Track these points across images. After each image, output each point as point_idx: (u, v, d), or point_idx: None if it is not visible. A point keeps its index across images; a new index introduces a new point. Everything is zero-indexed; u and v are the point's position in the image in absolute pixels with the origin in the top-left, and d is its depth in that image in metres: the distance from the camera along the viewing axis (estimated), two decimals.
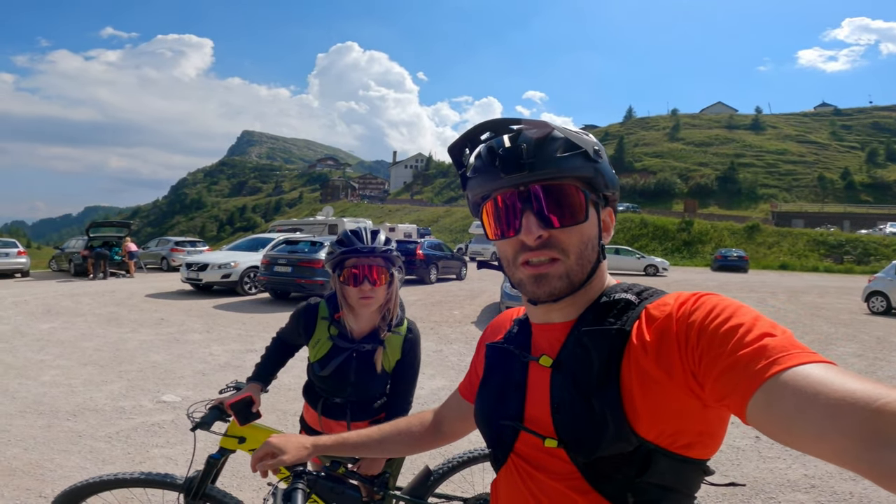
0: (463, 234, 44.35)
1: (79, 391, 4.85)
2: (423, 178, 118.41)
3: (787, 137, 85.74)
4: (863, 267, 29.61)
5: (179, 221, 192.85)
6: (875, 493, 3.07)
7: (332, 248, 1.66)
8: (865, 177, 67.50)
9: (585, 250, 0.71)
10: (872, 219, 44.02)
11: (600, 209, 0.74)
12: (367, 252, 1.60)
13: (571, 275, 0.70)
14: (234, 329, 8.05)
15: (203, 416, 1.60)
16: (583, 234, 0.71)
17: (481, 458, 1.83)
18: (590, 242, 0.72)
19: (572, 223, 0.69)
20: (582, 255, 0.71)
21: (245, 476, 3.12)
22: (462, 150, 0.78)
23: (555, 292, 0.70)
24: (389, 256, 1.65)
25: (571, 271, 0.70)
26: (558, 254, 0.70)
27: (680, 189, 69.12)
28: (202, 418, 1.60)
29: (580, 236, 0.70)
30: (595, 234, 0.73)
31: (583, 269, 0.71)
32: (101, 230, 18.23)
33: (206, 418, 1.60)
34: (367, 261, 1.61)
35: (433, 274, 15.80)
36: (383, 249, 1.63)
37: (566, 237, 0.70)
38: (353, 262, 1.61)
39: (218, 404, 1.62)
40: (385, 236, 1.68)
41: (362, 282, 1.60)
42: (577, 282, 0.71)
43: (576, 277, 0.71)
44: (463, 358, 6.54)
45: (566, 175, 0.69)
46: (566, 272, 0.70)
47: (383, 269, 1.63)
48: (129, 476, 1.62)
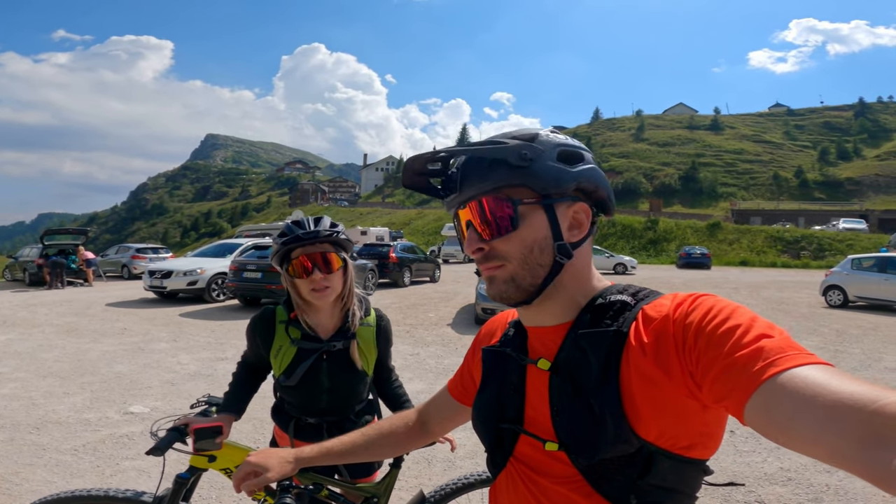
0: (436, 236, 44.31)
1: (40, 404, 4.63)
2: (394, 181, 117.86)
3: (743, 137, 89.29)
4: (818, 262, 30.99)
5: (140, 228, 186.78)
6: (850, 483, 3.18)
7: (275, 243, 1.50)
8: (818, 175, 70.75)
9: (530, 254, 0.71)
10: (826, 215, 46.07)
11: (555, 207, 0.72)
12: (312, 237, 1.45)
13: (518, 278, 0.71)
14: (202, 337, 7.81)
15: (158, 441, 1.41)
16: (523, 240, 0.71)
17: (478, 483, 1.72)
18: (535, 246, 0.71)
19: (502, 234, 0.71)
20: (526, 259, 0.71)
21: (224, 487, 3.02)
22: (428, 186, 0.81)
23: (504, 295, 0.73)
24: (338, 240, 1.50)
25: (517, 275, 0.71)
26: (501, 261, 0.72)
27: (645, 189, 71.01)
28: (157, 443, 1.40)
29: (520, 242, 0.71)
30: (542, 237, 0.71)
31: (532, 273, 0.71)
32: (56, 238, 17.37)
33: (161, 443, 1.40)
34: (313, 248, 1.46)
35: (407, 277, 15.67)
36: (327, 233, 1.47)
37: (504, 245, 0.71)
38: (299, 252, 1.46)
39: (180, 426, 1.45)
40: (330, 220, 1.53)
41: (312, 271, 1.45)
42: (527, 285, 0.72)
43: (524, 281, 0.71)
44: (440, 360, 6.52)
45: (489, 189, 0.70)
46: (511, 276, 0.72)
47: (333, 255, 1.49)
48: (98, 492, 1.53)
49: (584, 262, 0.76)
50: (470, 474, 1.75)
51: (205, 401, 1.65)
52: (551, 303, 0.74)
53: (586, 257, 0.76)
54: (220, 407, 1.58)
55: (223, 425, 1.44)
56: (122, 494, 1.53)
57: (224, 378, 5.55)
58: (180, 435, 1.44)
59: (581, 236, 0.74)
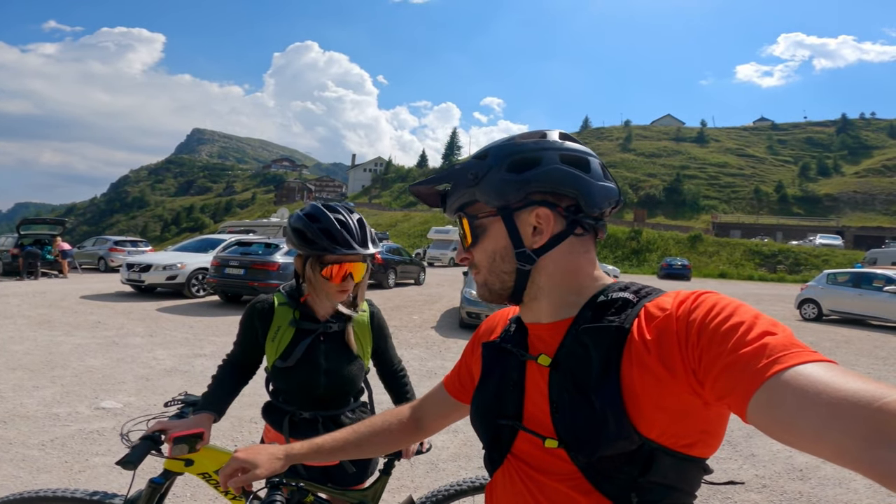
0: (421, 238, 44.26)
1: (7, 397, 4.47)
2: (381, 182, 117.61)
3: (727, 150, 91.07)
4: (794, 276, 31.68)
5: (119, 220, 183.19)
6: (822, 491, 3.24)
7: (317, 239, 1.44)
8: (797, 190, 72.43)
9: (493, 262, 0.77)
10: (803, 230, 47.24)
11: (515, 216, 0.74)
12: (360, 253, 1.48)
13: (488, 283, 0.79)
14: (180, 333, 7.66)
15: (130, 452, 1.26)
16: (485, 251, 0.78)
17: (471, 490, 1.66)
18: (496, 254, 0.76)
19: (473, 245, 0.79)
20: (491, 266, 0.78)
21: (199, 486, 2.95)
22: None
23: (483, 297, 0.82)
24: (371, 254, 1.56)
25: (487, 280, 0.79)
26: (476, 268, 0.81)
27: (630, 199, 71.88)
28: (129, 455, 1.25)
29: (483, 252, 0.78)
30: (502, 246, 0.76)
31: (499, 279, 0.77)
32: (33, 227, 16.98)
33: (134, 455, 1.25)
34: (354, 257, 1.49)
35: (391, 278, 15.65)
36: (374, 252, 1.52)
37: (475, 254, 0.79)
38: (341, 260, 1.46)
39: (155, 433, 1.32)
40: (373, 231, 1.56)
41: (345, 280, 1.49)
42: (498, 290, 0.78)
43: (493, 286, 0.78)
44: (424, 363, 6.49)
45: (455, 208, 0.80)
46: (483, 281, 0.80)
47: (366, 265, 1.54)
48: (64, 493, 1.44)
49: (568, 262, 0.74)
50: (463, 480, 1.70)
51: (181, 399, 1.55)
52: (538, 303, 0.76)
53: (569, 257, 0.75)
54: (198, 406, 1.49)
55: (204, 432, 1.36)
56: (89, 497, 1.43)
57: (201, 375, 5.44)
58: (154, 443, 1.32)
59: (544, 241, 0.73)
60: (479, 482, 1.63)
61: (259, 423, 4.00)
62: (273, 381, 1.58)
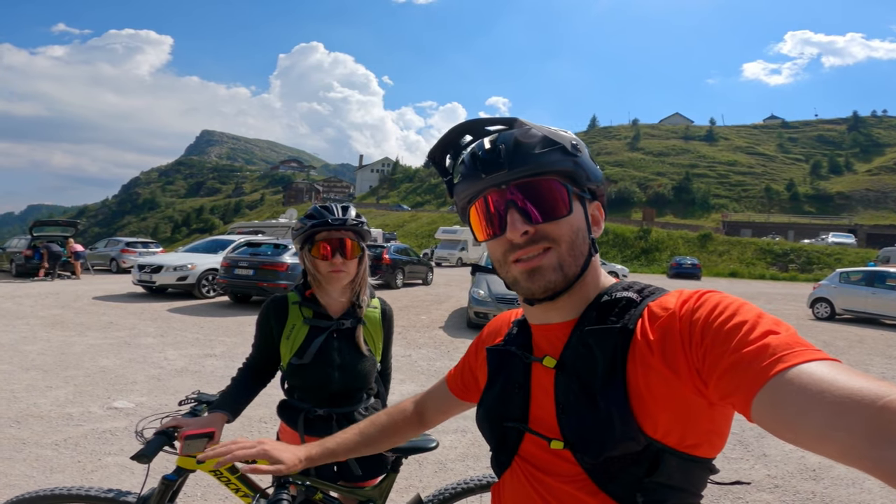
0: (429, 239, 44.27)
1: (21, 397, 4.54)
2: (389, 183, 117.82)
3: (737, 149, 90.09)
4: (806, 275, 31.28)
5: (130, 222, 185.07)
6: (835, 491, 3.20)
7: (302, 223, 1.58)
8: (809, 188, 71.56)
9: (576, 240, 0.70)
10: (815, 229, 46.62)
11: (586, 203, 0.73)
12: (339, 225, 1.54)
13: (565, 266, 0.69)
14: (190, 333, 7.71)
15: (145, 447, 1.33)
16: (571, 226, 0.70)
17: (478, 488, 1.67)
18: (580, 233, 0.71)
19: (556, 217, 0.69)
20: (573, 244, 0.70)
21: (210, 485, 2.97)
22: (444, 156, 0.79)
23: (549, 286, 0.69)
24: (360, 230, 1.60)
25: (564, 262, 0.69)
26: (549, 243, 0.69)
27: (639, 198, 71.40)
28: (143, 449, 1.32)
29: (569, 227, 0.69)
30: (584, 227, 0.72)
31: (576, 261, 0.70)
32: (45, 229, 17.20)
33: (148, 449, 1.32)
34: (338, 234, 1.56)
35: (399, 279, 15.70)
36: (353, 222, 1.57)
37: (554, 228, 0.69)
38: (324, 236, 1.56)
39: (169, 429, 1.38)
40: (355, 210, 1.62)
41: (334, 255, 1.54)
42: (570, 274, 0.70)
43: (569, 269, 0.69)
44: (432, 363, 6.50)
45: (545, 170, 0.69)
46: (559, 262, 0.69)
47: (355, 243, 1.58)
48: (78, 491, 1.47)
49: (597, 260, 0.77)
50: (470, 479, 1.71)
51: (194, 398, 1.58)
52: (568, 297, 0.72)
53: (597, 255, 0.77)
54: (213, 405, 1.52)
55: (216, 431, 1.37)
56: (103, 494, 1.46)
57: (212, 375, 5.49)
58: (168, 439, 1.37)
59: (598, 234, 0.76)
60: (487, 480, 1.63)
61: (269, 423, 4.02)
62: (288, 378, 1.62)
